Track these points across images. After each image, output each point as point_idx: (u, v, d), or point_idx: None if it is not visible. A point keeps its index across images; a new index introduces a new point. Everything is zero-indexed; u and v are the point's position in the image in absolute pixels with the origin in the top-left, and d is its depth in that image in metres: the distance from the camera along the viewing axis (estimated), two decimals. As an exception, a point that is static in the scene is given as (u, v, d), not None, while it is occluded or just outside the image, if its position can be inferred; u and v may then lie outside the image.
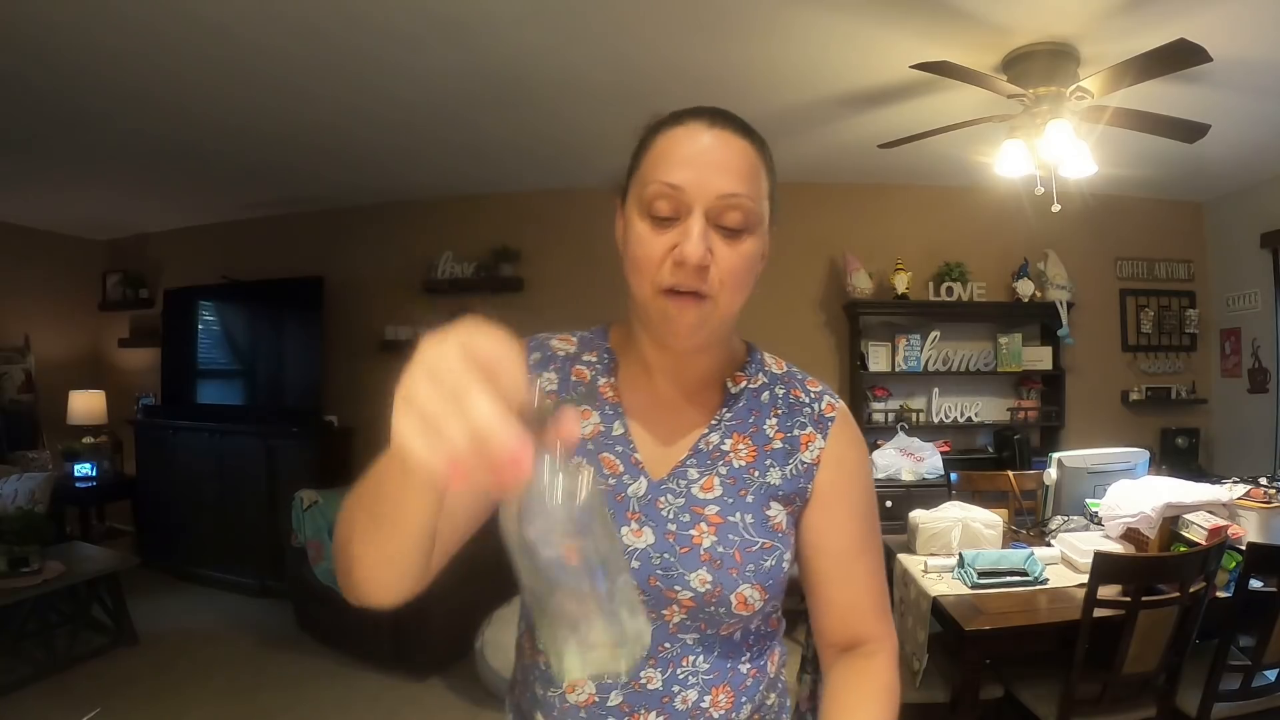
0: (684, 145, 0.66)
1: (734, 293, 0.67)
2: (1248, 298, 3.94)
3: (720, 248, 0.65)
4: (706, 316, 0.66)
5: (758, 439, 0.76)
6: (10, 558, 2.92)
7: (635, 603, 0.44)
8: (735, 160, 0.66)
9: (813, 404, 0.78)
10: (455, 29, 2.29)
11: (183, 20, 2.20)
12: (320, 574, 3.27)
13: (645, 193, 0.66)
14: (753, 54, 2.46)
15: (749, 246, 0.67)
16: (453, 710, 2.84)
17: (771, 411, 0.77)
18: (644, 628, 0.43)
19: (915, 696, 2.01)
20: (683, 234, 0.64)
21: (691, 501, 0.72)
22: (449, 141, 3.40)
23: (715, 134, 0.66)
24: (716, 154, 0.65)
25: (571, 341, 0.80)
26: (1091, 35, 2.26)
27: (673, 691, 0.71)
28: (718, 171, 0.65)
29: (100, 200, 4.34)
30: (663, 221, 0.65)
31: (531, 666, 0.77)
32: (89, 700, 2.68)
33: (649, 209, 0.66)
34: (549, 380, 0.76)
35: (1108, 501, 2.31)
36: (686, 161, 0.65)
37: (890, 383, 4.04)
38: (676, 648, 0.71)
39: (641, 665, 0.70)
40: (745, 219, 0.66)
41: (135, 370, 5.14)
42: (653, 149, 0.68)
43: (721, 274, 0.65)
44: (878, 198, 4.10)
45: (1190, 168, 3.57)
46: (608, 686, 0.70)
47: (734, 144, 0.67)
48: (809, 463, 0.75)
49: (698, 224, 0.64)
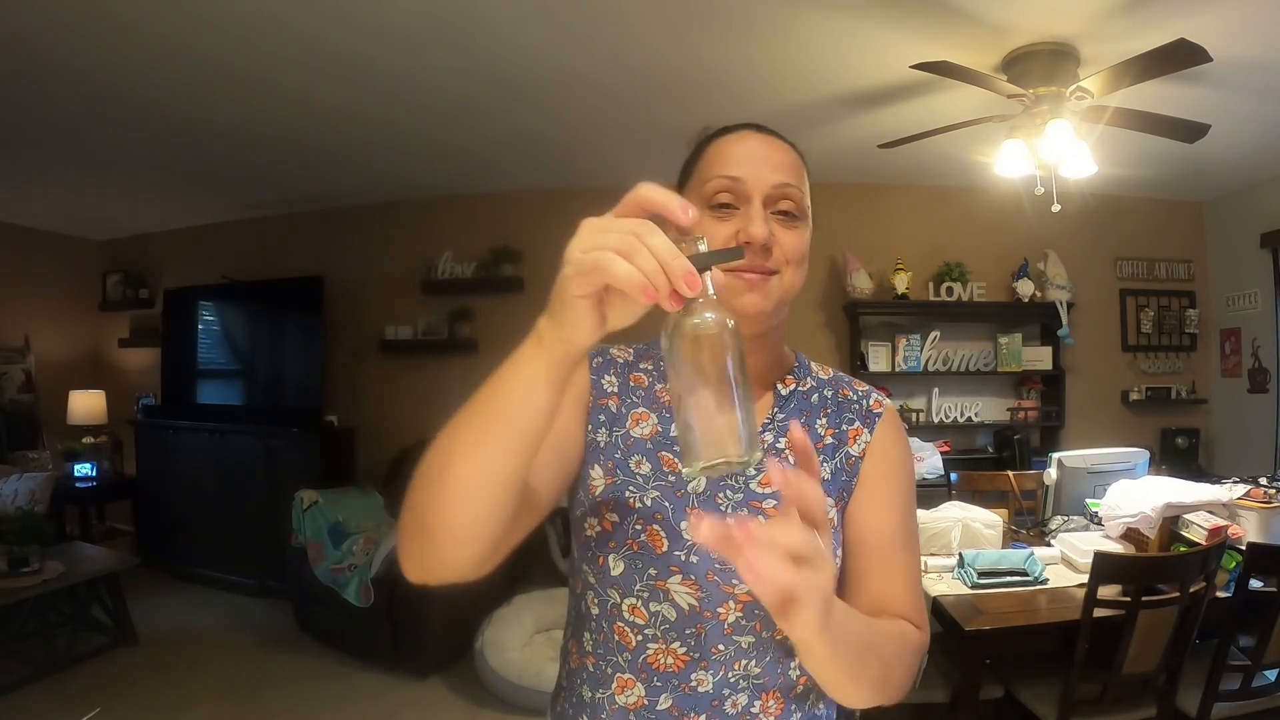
0: (738, 147, 0.74)
1: (796, 269, 0.73)
2: (1248, 298, 3.94)
3: (780, 230, 0.72)
4: (772, 290, 0.72)
5: (810, 437, 0.76)
6: (10, 558, 2.92)
7: (755, 429, 0.50)
8: (782, 157, 0.74)
9: (860, 401, 0.82)
10: (455, 30, 2.29)
11: (182, 23, 2.20)
12: (320, 574, 3.27)
13: (706, 188, 0.73)
14: (753, 54, 2.46)
15: (802, 232, 0.74)
16: (453, 710, 2.84)
17: (821, 411, 0.81)
18: (758, 448, 0.50)
19: (915, 696, 2.01)
20: (745, 219, 0.71)
21: (750, 496, 0.74)
22: (449, 142, 3.40)
23: (763, 137, 0.75)
24: (767, 152, 0.74)
25: (629, 351, 0.85)
26: (1091, 35, 2.26)
27: (723, 695, 0.71)
28: (770, 166, 0.72)
29: (100, 200, 4.35)
30: (724, 210, 0.72)
31: (579, 671, 0.77)
32: (89, 700, 2.68)
33: (711, 200, 0.72)
34: (610, 383, 0.80)
35: (1108, 501, 2.31)
36: (742, 159, 0.73)
37: (890, 383, 4.03)
38: (730, 650, 0.71)
39: (694, 668, 0.70)
40: (797, 207, 0.73)
41: (135, 370, 5.15)
42: (706, 155, 0.76)
43: (785, 252, 0.72)
44: (878, 198, 4.10)
45: (1190, 168, 3.57)
46: (658, 689, 0.71)
47: (780, 145, 0.75)
48: (856, 456, 0.78)
49: (759, 209, 0.71)
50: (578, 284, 0.49)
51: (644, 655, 0.72)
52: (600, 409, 0.78)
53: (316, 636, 3.44)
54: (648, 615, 0.71)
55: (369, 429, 4.39)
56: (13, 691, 2.85)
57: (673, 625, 0.71)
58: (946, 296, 3.96)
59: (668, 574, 0.70)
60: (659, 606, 0.71)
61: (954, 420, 3.98)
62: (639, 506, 0.72)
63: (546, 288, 0.53)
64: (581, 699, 0.76)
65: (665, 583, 0.70)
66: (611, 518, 0.73)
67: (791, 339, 0.85)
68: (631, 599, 0.71)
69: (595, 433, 0.77)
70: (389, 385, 4.41)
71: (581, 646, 0.77)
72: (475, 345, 4.25)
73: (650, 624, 0.71)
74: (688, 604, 0.70)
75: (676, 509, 0.72)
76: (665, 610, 0.71)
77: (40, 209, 4.50)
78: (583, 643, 0.77)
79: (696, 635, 0.71)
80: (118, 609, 3.33)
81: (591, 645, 0.75)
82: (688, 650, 0.71)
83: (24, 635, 3.04)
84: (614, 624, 0.73)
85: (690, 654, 0.71)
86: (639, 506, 0.72)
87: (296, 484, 3.66)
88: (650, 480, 0.74)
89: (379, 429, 4.36)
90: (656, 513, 0.71)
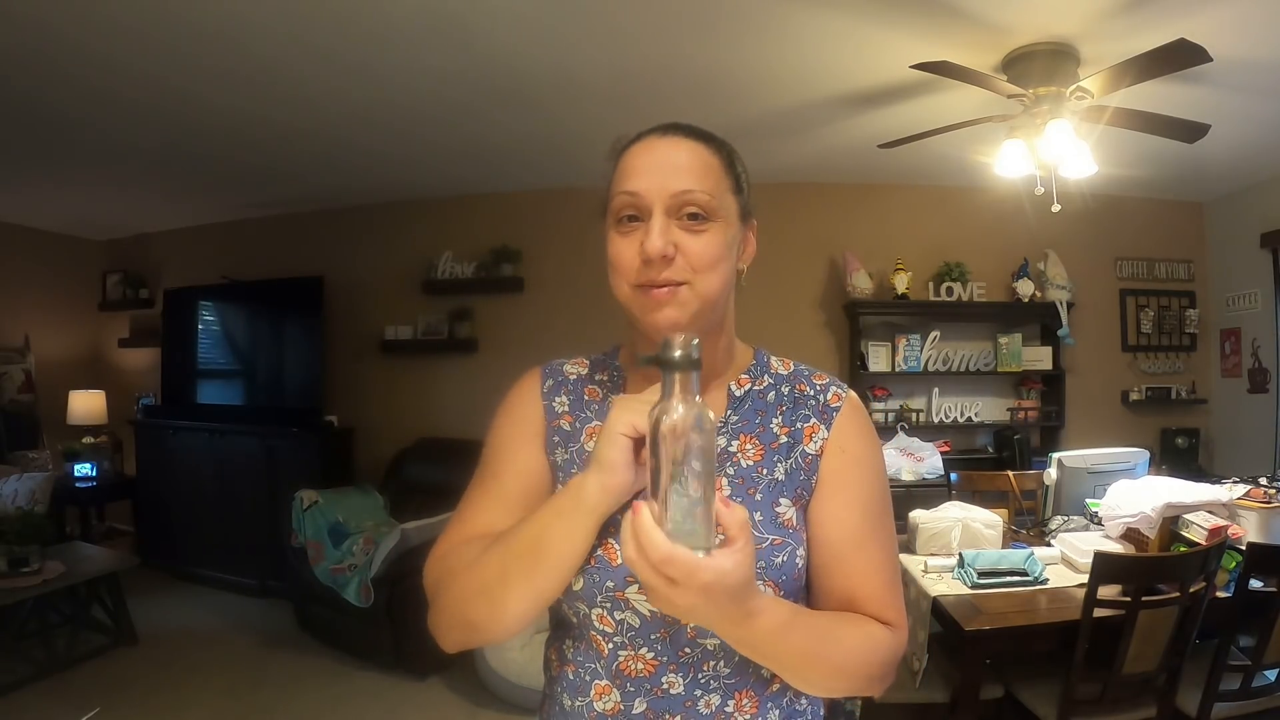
0: (640, 157, 0.73)
1: (708, 276, 0.71)
2: (1248, 298, 3.94)
3: (685, 239, 0.70)
4: (685, 301, 0.71)
5: (765, 437, 0.77)
6: (10, 558, 2.92)
7: (707, 523, 0.54)
8: (686, 160, 0.72)
9: (818, 395, 0.79)
10: (454, 31, 2.29)
11: (181, 27, 2.20)
12: (320, 574, 3.27)
13: (612, 205, 0.73)
14: (752, 54, 2.46)
15: (713, 235, 0.72)
16: (453, 710, 2.84)
17: (777, 409, 0.79)
18: (706, 540, 0.54)
19: (915, 696, 2.01)
20: (646, 233, 0.70)
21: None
22: (449, 142, 3.40)
23: (667, 141, 0.73)
24: (669, 158, 0.72)
25: (584, 364, 0.86)
26: (1091, 35, 2.26)
27: (695, 696, 0.71)
28: (671, 173, 0.71)
29: (100, 200, 4.34)
30: (630, 223, 0.72)
31: (559, 678, 0.78)
32: (89, 700, 2.68)
33: (616, 217, 0.73)
34: (562, 404, 0.82)
35: (1108, 501, 2.31)
36: (643, 170, 0.72)
37: (890, 383, 4.04)
38: (697, 652, 0.71)
39: (664, 671, 0.72)
40: (706, 208, 0.71)
41: (135, 370, 5.15)
42: (618, 169, 0.75)
43: (690, 260, 0.70)
44: (878, 198, 4.09)
45: (1190, 168, 3.57)
46: (631, 694, 0.72)
47: (685, 146, 0.73)
48: (812, 454, 0.76)
49: (658, 221, 0.70)
50: (619, 438, 0.62)
51: (616, 662, 0.72)
52: (554, 430, 0.80)
53: (316, 636, 3.44)
54: (614, 624, 0.72)
55: (369, 429, 4.39)
56: (13, 691, 2.85)
57: (638, 631, 0.71)
58: (946, 296, 3.96)
59: (624, 584, 0.70)
60: (623, 615, 0.71)
61: (954, 420, 3.98)
62: None
63: (547, 288, 0.54)
64: (563, 707, 0.76)
65: (624, 593, 0.71)
66: None
67: (791, 339, 0.85)
68: (598, 609, 0.72)
69: (554, 453, 0.79)
70: (389, 385, 4.41)
71: (563, 654, 0.78)
72: (475, 345, 4.25)
73: (618, 631, 0.72)
74: (648, 610, 0.70)
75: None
76: (629, 618, 0.71)
77: (40, 209, 4.50)
78: (564, 650, 0.78)
79: (662, 640, 0.71)
80: (118, 609, 3.33)
81: (572, 653, 0.76)
82: (655, 655, 0.71)
83: (24, 635, 3.04)
84: (589, 632, 0.74)
85: (659, 658, 0.71)
86: None
87: (296, 484, 3.66)
88: None
89: (379, 429, 4.36)
90: (610, 526, 0.71)
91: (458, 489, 0.80)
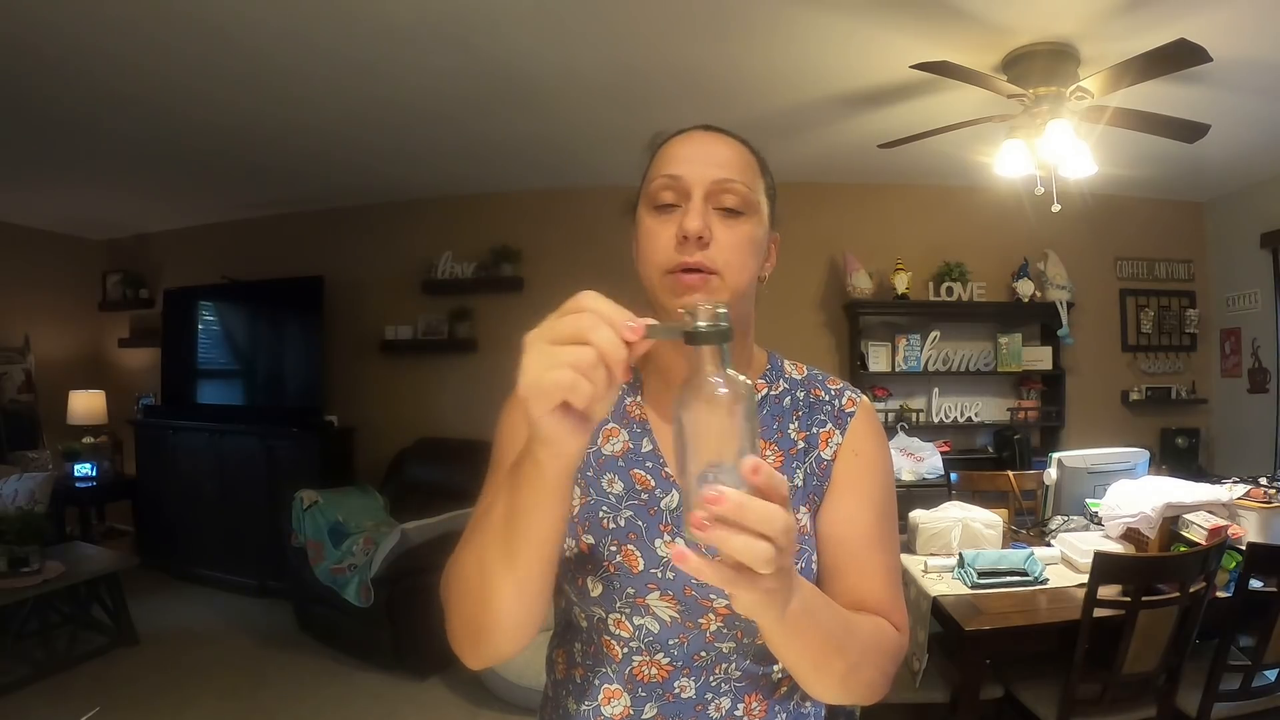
0: (683, 147, 0.73)
1: (738, 269, 0.71)
2: (1248, 298, 3.94)
3: (720, 228, 0.70)
4: (715, 290, 0.70)
5: (783, 444, 0.77)
6: (10, 558, 2.92)
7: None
8: (727, 154, 0.73)
9: (833, 400, 0.79)
10: (454, 30, 2.29)
11: (181, 24, 2.20)
12: (320, 574, 3.27)
13: (650, 188, 0.73)
14: (753, 54, 2.46)
15: (747, 228, 0.72)
16: (453, 710, 2.84)
17: (793, 415, 0.78)
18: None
19: (915, 696, 2.02)
20: (684, 214, 0.70)
21: None
22: (449, 142, 3.40)
23: (709, 135, 0.74)
24: (711, 149, 0.73)
25: None
26: (1091, 35, 2.26)
27: (706, 699, 0.71)
28: (713, 163, 0.71)
29: (100, 200, 4.34)
30: (667, 209, 0.71)
31: (565, 682, 0.77)
32: (89, 700, 2.68)
33: (654, 200, 0.72)
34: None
35: (1108, 501, 2.31)
36: (685, 158, 0.72)
37: (890, 383, 4.04)
38: (711, 655, 0.71)
39: (677, 675, 0.72)
40: (741, 202, 0.71)
41: (135, 370, 5.15)
42: (656, 158, 0.75)
43: (724, 250, 0.70)
44: (878, 198, 4.09)
45: (1190, 168, 3.57)
46: (643, 699, 0.71)
47: (726, 141, 0.74)
48: (827, 460, 0.76)
49: (697, 203, 0.70)
50: (537, 407, 0.50)
51: (630, 667, 0.72)
52: None
53: (316, 636, 3.44)
54: (632, 629, 0.72)
55: (369, 429, 4.39)
56: (13, 691, 2.85)
57: (656, 637, 0.71)
58: (946, 296, 3.96)
59: (646, 591, 0.70)
60: (641, 620, 0.71)
61: (954, 420, 3.98)
62: (613, 527, 0.72)
63: (547, 288, 0.54)
64: (567, 710, 0.76)
65: (645, 599, 0.71)
66: (587, 540, 0.73)
67: (791, 339, 0.85)
68: (615, 614, 0.72)
69: None
70: (389, 385, 4.41)
71: (570, 657, 0.77)
72: (475, 345, 4.25)
73: (635, 637, 0.72)
74: (669, 616, 0.70)
75: (650, 527, 0.72)
76: (648, 624, 0.71)
77: (40, 209, 4.50)
78: (572, 653, 0.77)
79: (680, 645, 0.71)
80: (118, 609, 3.33)
81: (581, 656, 0.76)
82: (671, 660, 0.71)
83: (24, 635, 3.04)
84: (601, 637, 0.73)
85: (674, 663, 0.71)
86: (613, 527, 0.72)
87: (296, 484, 3.66)
88: (623, 500, 0.74)
89: (379, 429, 4.36)
90: (630, 532, 0.71)
91: (458, 489, 0.81)
